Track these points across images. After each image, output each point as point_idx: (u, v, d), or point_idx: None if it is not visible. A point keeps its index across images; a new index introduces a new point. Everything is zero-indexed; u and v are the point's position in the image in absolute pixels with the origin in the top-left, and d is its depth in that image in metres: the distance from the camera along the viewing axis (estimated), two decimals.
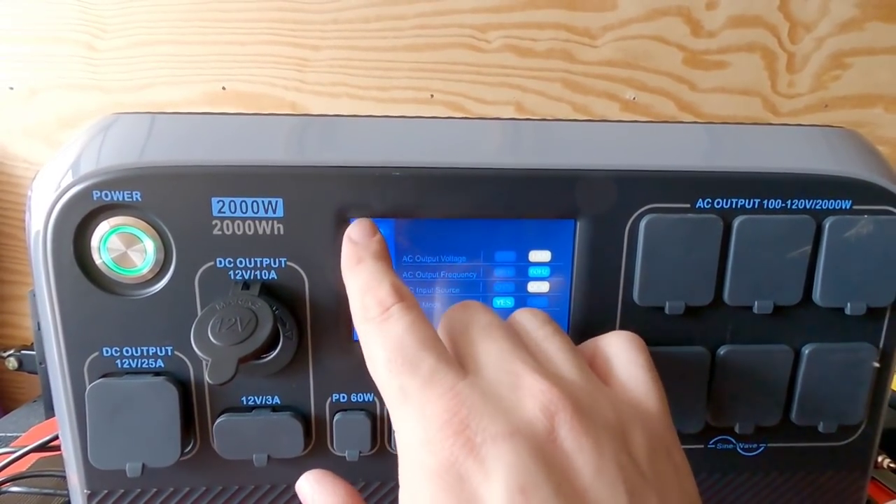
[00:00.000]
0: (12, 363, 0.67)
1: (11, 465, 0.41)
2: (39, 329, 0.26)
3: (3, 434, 0.59)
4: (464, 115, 0.72)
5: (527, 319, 0.23)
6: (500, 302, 0.28)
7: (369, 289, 0.22)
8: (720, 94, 0.75)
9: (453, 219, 0.26)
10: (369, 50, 0.71)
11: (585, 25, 0.72)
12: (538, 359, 0.21)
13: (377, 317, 0.21)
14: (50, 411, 0.61)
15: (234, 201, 0.25)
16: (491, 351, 0.21)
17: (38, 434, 0.49)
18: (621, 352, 0.23)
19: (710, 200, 0.26)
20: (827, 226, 0.27)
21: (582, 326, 0.28)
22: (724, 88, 0.75)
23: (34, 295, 0.26)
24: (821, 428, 0.29)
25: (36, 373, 0.65)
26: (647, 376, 0.22)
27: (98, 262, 0.25)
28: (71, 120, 0.71)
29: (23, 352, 0.68)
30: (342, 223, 0.26)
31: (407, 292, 0.22)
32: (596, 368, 0.23)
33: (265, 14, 0.70)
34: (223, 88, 0.72)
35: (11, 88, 0.70)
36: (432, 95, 0.73)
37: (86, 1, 0.68)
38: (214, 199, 0.24)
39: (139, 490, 0.27)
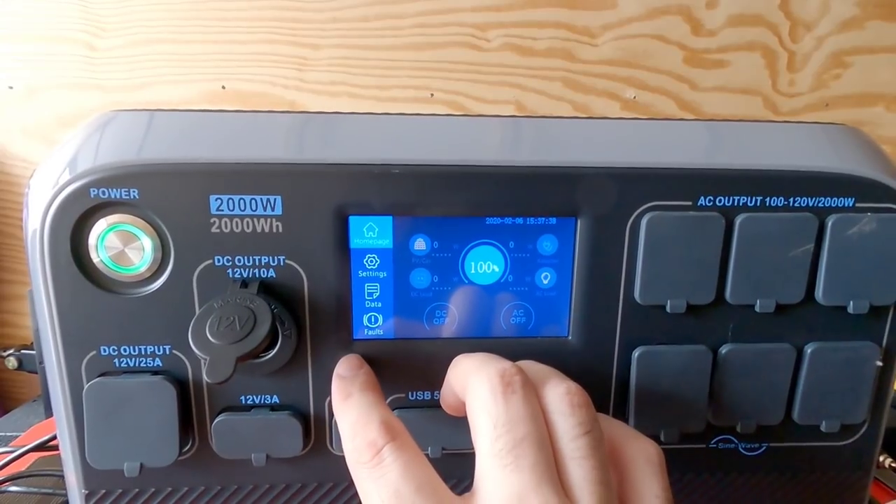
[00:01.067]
0: (12, 362, 0.67)
1: (10, 465, 0.41)
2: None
3: (2, 433, 0.59)
4: (464, 114, 0.72)
5: (564, 419, 0.21)
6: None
7: (359, 429, 0.22)
8: (721, 92, 0.75)
9: (454, 216, 0.26)
10: (369, 49, 0.71)
11: (585, 24, 0.72)
12: (564, 484, 0.20)
13: (369, 462, 0.21)
14: (50, 411, 0.61)
15: (232, 199, 0.24)
16: (512, 484, 0.19)
17: (37, 433, 0.49)
18: (645, 475, 0.22)
19: (711, 198, 0.26)
20: (829, 224, 0.27)
21: (583, 326, 0.28)
22: (725, 87, 0.75)
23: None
24: (823, 427, 0.29)
25: (36, 372, 0.65)
26: None
27: (95, 260, 0.24)
28: (70, 119, 0.71)
29: (23, 351, 0.67)
30: (341, 221, 0.25)
31: (398, 427, 0.22)
32: (614, 471, 0.23)
33: (265, 13, 0.70)
34: (223, 87, 0.72)
35: (11, 88, 0.70)
36: (432, 94, 0.73)
37: (85, 0, 0.68)
38: (212, 197, 0.24)
39: (137, 490, 0.27)
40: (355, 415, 0.23)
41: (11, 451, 0.42)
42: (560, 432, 0.21)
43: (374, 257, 0.27)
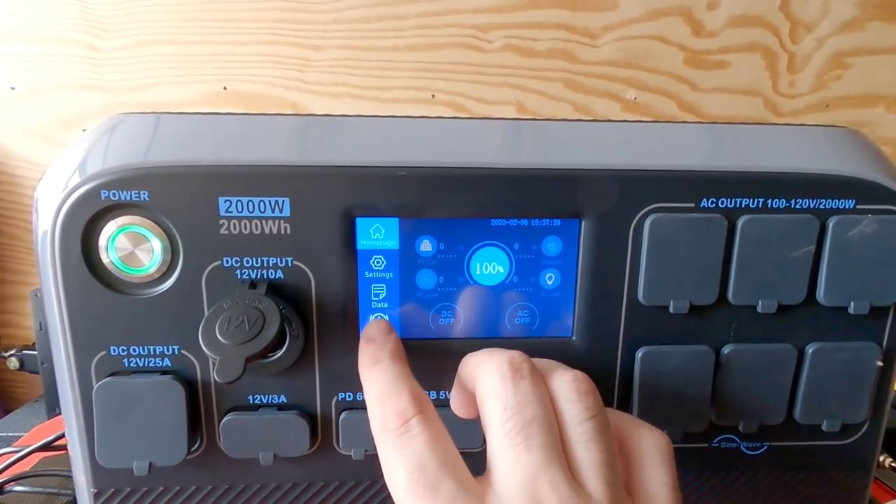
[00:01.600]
0: (14, 363, 0.67)
1: (15, 465, 0.41)
2: (41, 329, 0.26)
3: (4, 434, 0.59)
4: (466, 115, 0.73)
5: (571, 404, 0.22)
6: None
7: (388, 396, 0.22)
8: (721, 93, 0.75)
9: (459, 218, 0.27)
10: (370, 50, 0.71)
11: (586, 25, 0.72)
12: (571, 467, 0.20)
13: (396, 429, 0.21)
14: (52, 411, 0.61)
15: (240, 201, 0.25)
16: (523, 464, 0.20)
17: (41, 433, 0.49)
18: (653, 464, 0.23)
19: (714, 200, 0.27)
20: (831, 225, 0.27)
21: (587, 326, 0.28)
22: (725, 88, 0.75)
23: (36, 294, 0.26)
24: (824, 427, 0.29)
25: (37, 372, 0.65)
26: (671, 497, 0.22)
27: (105, 261, 0.25)
28: (72, 120, 0.71)
29: (24, 352, 0.67)
30: (348, 222, 0.26)
31: (426, 401, 0.22)
32: (623, 461, 0.23)
33: (266, 14, 0.70)
34: (224, 88, 0.72)
35: (13, 88, 0.70)
36: (433, 95, 0.73)
37: (87, 1, 0.68)
38: (221, 199, 0.25)
39: (146, 488, 0.27)
40: (384, 381, 0.23)
41: (16, 451, 0.42)
42: (567, 417, 0.21)
43: (380, 258, 0.27)
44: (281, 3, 0.69)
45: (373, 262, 0.27)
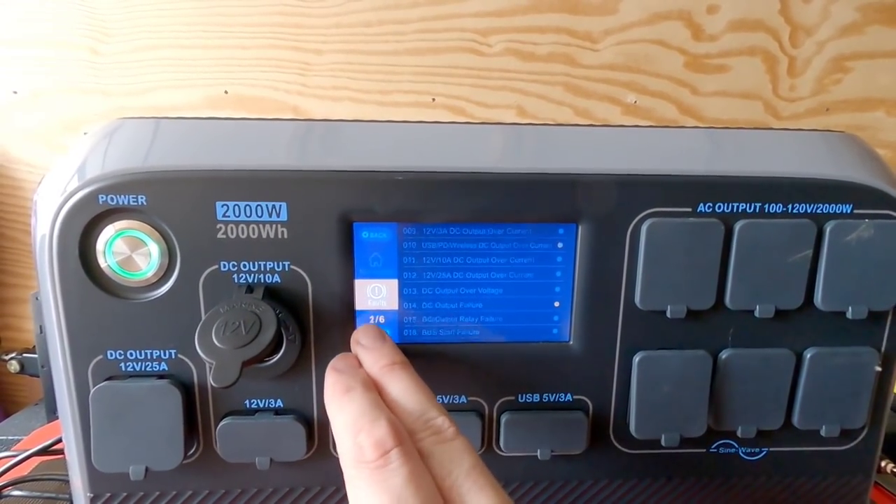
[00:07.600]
0: (14, 366, 0.67)
1: (13, 469, 0.41)
2: (42, 332, 0.26)
3: (4, 437, 0.59)
4: (465, 119, 0.73)
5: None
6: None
7: (363, 426, 0.20)
8: (721, 97, 0.75)
9: (457, 223, 0.27)
10: (371, 54, 0.72)
11: (587, 29, 0.72)
12: None
13: (373, 461, 0.19)
14: (52, 415, 0.61)
15: (238, 205, 0.25)
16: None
17: (40, 437, 0.49)
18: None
19: (711, 204, 0.27)
20: (828, 230, 0.27)
21: (584, 331, 0.28)
22: (726, 92, 0.75)
23: (36, 298, 0.26)
24: (823, 432, 0.29)
25: (38, 376, 0.65)
26: None
27: (103, 265, 0.25)
28: (73, 124, 0.71)
29: (24, 355, 0.68)
30: (346, 227, 0.26)
31: (404, 433, 0.20)
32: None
33: (268, 18, 0.70)
34: (225, 92, 0.72)
35: (15, 92, 0.70)
36: (434, 99, 0.74)
37: (89, 5, 0.68)
38: (219, 203, 0.25)
39: (142, 493, 0.27)
40: (357, 412, 0.21)
41: (14, 455, 0.42)
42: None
43: (378, 263, 0.27)
44: (282, 8, 0.70)
45: (370, 267, 0.27)
